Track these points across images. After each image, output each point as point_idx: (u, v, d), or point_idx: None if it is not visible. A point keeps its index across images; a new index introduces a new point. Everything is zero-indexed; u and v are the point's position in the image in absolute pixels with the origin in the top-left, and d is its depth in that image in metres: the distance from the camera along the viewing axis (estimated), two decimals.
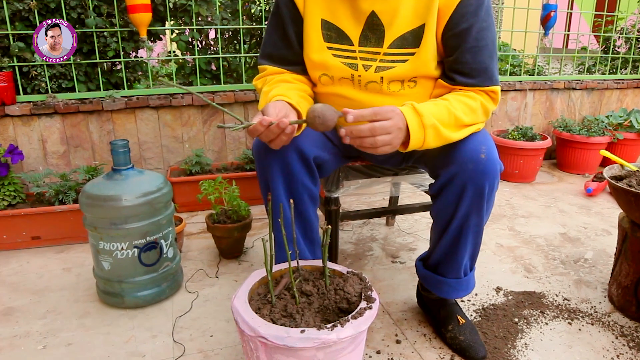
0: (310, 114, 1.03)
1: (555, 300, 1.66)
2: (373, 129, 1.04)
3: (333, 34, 1.27)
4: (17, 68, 2.30)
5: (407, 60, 1.23)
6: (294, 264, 1.16)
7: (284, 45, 1.33)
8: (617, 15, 3.69)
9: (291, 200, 0.98)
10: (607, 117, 3.37)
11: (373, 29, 1.24)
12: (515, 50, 3.87)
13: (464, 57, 1.20)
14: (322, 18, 1.27)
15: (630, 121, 3.30)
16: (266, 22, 2.60)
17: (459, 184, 1.20)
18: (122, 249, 1.51)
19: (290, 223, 1.20)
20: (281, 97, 1.18)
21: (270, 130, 1.05)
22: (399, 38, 1.22)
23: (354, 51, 1.26)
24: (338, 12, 1.26)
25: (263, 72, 1.37)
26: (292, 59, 1.34)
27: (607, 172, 1.69)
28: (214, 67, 2.72)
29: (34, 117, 2.31)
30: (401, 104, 1.21)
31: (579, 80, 3.44)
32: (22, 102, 2.30)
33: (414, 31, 1.21)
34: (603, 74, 3.71)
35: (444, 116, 1.14)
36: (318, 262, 1.20)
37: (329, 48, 1.27)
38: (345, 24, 1.26)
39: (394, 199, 2.07)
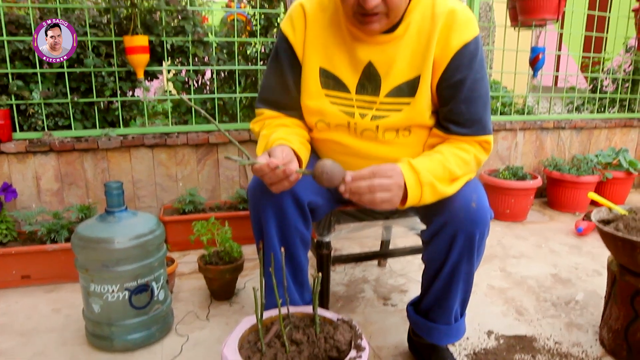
0: (319, 169, 1.06)
1: (547, 344, 1.65)
2: (372, 187, 1.07)
3: (331, 81, 1.29)
4: (14, 106, 2.33)
5: (402, 109, 1.26)
6: (284, 310, 1.16)
7: (282, 90, 1.35)
8: (604, 57, 3.80)
9: (282, 250, 0.99)
10: (596, 156, 3.43)
11: (370, 79, 1.27)
12: (505, 88, 3.95)
13: (458, 107, 1.24)
14: (321, 66, 1.30)
15: (619, 160, 3.35)
16: (261, 63, 2.66)
17: (450, 232, 1.22)
18: (113, 291, 1.51)
19: (282, 268, 1.21)
20: (284, 141, 1.20)
21: (275, 174, 1.07)
22: (395, 88, 1.26)
23: (351, 99, 1.29)
24: (336, 60, 1.29)
25: (260, 115, 1.39)
26: (290, 104, 1.36)
27: (595, 215, 1.71)
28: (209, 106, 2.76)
29: (29, 155, 2.32)
30: (395, 152, 1.25)
31: (568, 119, 3.51)
32: (18, 140, 2.32)
33: (409, 82, 1.25)
34: (591, 112, 3.79)
35: (439, 172, 1.17)
36: (308, 309, 1.21)
37: (326, 95, 1.30)
38: (343, 73, 1.29)
39: (385, 243, 2.09)
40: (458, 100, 1.23)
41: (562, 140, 3.51)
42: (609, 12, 3.64)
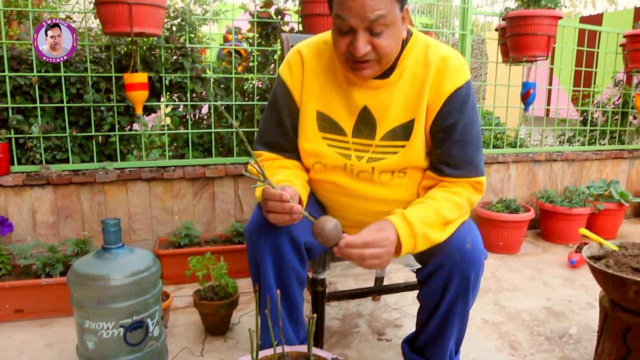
0: (318, 227, 1.10)
1: None
2: (363, 256, 1.12)
3: (327, 124, 1.33)
4: (13, 139, 2.36)
5: (397, 152, 1.30)
6: (279, 350, 1.17)
7: (280, 132, 1.39)
8: (594, 90, 3.88)
9: (278, 292, 1.01)
10: (587, 187, 3.47)
11: (366, 122, 1.30)
12: (498, 118, 4.03)
13: (450, 150, 1.28)
14: (318, 109, 1.33)
15: (610, 192, 3.40)
16: (258, 98, 2.71)
17: (445, 273, 1.25)
18: (108, 328, 1.51)
19: (277, 309, 1.23)
20: (289, 183, 1.24)
21: (282, 206, 1.11)
22: (390, 131, 1.29)
23: (348, 142, 1.32)
24: (333, 104, 1.32)
25: (258, 157, 1.42)
26: (288, 146, 1.39)
27: (586, 251, 1.73)
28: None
29: (27, 188, 2.34)
30: (390, 193, 1.29)
31: (560, 152, 3.57)
32: (16, 173, 2.34)
33: (404, 125, 1.29)
34: (582, 144, 3.85)
35: (432, 219, 1.21)
36: (303, 348, 1.21)
37: (323, 138, 1.33)
38: (339, 116, 1.32)
39: (379, 280, 2.10)
40: (450, 143, 1.27)
41: (554, 172, 3.56)
42: (598, 47, 3.74)
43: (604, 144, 3.93)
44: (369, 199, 1.35)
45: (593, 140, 3.92)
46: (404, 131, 1.29)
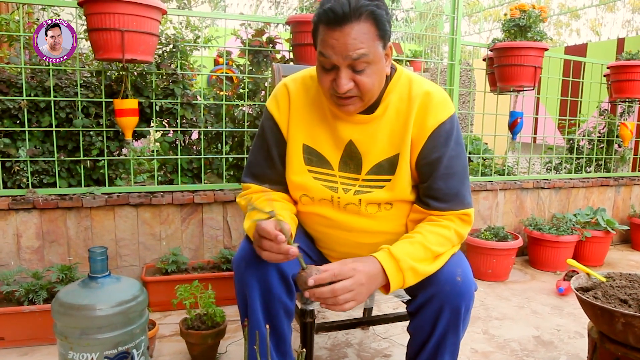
0: (300, 279, 1.13)
1: None
2: (334, 291, 1.10)
3: (314, 158, 1.34)
4: (0, 163, 2.33)
5: (384, 186, 1.31)
6: None
7: (268, 165, 1.40)
8: (579, 119, 3.96)
9: (267, 327, 1.00)
10: (574, 215, 3.51)
11: (352, 156, 1.32)
12: (487, 144, 4.08)
13: (436, 183, 1.29)
14: (304, 143, 1.35)
15: (597, 219, 3.43)
16: (248, 124, 2.72)
17: (436, 306, 1.25)
18: (93, 359, 1.47)
19: (266, 345, 1.21)
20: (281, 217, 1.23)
21: (278, 248, 1.11)
22: (376, 166, 1.31)
23: (334, 175, 1.34)
24: (319, 138, 1.34)
25: (247, 190, 1.42)
26: (275, 178, 1.40)
27: (574, 282, 1.75)
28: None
29: (12, 212, 2.31)
30: (377, 225, 1.30)
31: (547, 179, 3.61)
32: (1, 197, 2.31)
33: (389, 159, 1.30)
34: (569, 172, 3.91)
35: (419, 254, 1.21)
36: None
37: (309, 171, 1.34)
38: (325, 150, 1.34)
39: (368, 310, 2.09)
40: (436, 177, 1.28)
41: (542, 199, 3.59)
42: (583, 77, 3.83)
43: (590, 172, 3.99)
44: (356, 231, 1.35)
45: (579, 168, 3.98)
46: (389, 165, 1.30)
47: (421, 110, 1.28)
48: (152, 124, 2.64)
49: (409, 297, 1.37)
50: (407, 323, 1.40)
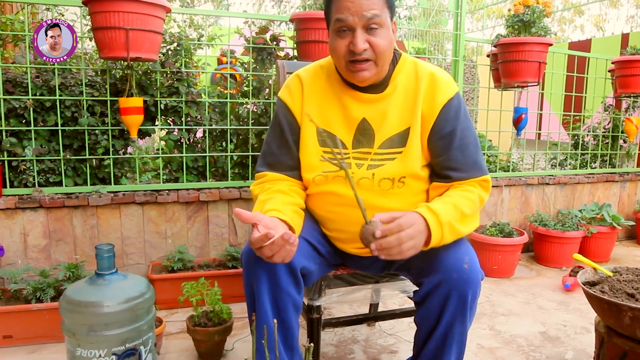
0: (365, 232, 1.17)
1: None
2: (400, 239, 1.15)
3: (328, 140, 1.39)
4: (6, 162, 2.34)
5: (395, 158, 1.36)
6: None
7: (284, 152, 1.44)
8: (584, 115, 3.94)
9: (275, 321, 1.00)
10: (580, 211, 3.50)
11: (364, 133, 1.38)
12: (491, 141, 4.07)
13: (454, 155, 1.36)
14: (318, 126, 1.40)
15: (602, 215, 3.42)
16: (252, 122, 2.73)
17: (443, 292, 1.27)
18: (100, 356, 1.48)
19: (273, 336, 1.22)
20: (276, 212, 1.27)
21: (275, 244, 1.13)
22: (388, 140, 1.37)
23: (348, 153, 1.39)
24: (332, 120, 1.40)
25: (263, 177, 1.46)
26: (291, 163, 1.44)
27: (581, 277, 1.74)
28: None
29: (18, 211, 2.32)
30: (390, 202, 1.35)
31: (552, 175, 3.60)
32: (8, 196, 2.33)
33: (400, 133, 1.37)
34: (574, 168, 3.89)
35: (453, 212, 1.26)
36: None
37: (325, 152, 1.39)
38: (338, 131, 1.40)
39: (374, 306, 2.09)
40: (452, 149, 1.35)
41: (547, 195, 3.58)
42: (587, 73, 3.81)
43: (595, 168, 3.97)
44: (368, 208, 1.36)
45: (584, 164, 3.97)
46: (400, 139, 1.37)
47: (429, 88, 1.36)
48: (157, 122, 2.65)
49: (415, 288, 1.37)
50: (412, 319, 1.41)
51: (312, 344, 1.03)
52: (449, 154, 1.36)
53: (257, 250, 1.15)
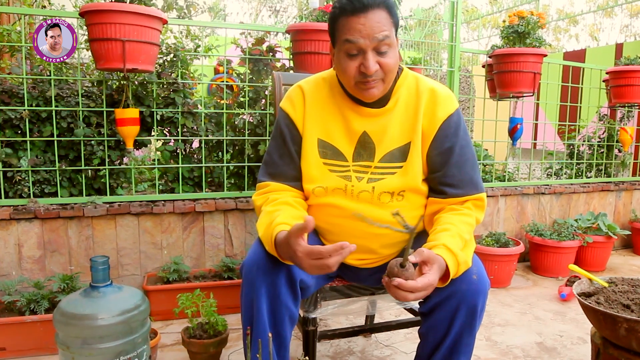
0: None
1: None
2: (426, 291, 1.14)
3: (329, 151, 1.40)
4: (1, 173, 2.34)
5: (395, 172, 1.37)
6: None
7: (286, 162, 1.44)
8: (579, 125, 3.96)
9: (270, 335, 1.00)
10: (576, 220, 3.51)
11: (365, 147, 1.39)
12: (487, 150, 4.08)
13: (450, 171, 1.37)
14: (319, 137, 1.41)
15: (598, 224, 3.43)
16: (249, 132, 2.73)
17: (453, 304, 1.27)
18: None
19: (268, 348, 1.21)
20: (287, 226, 1.24)
21: (333, 256, 1.12)
22: (388, 154, 1.38)
23: (348, 166, 1.40)
24: (333, 132, 1.41)
25: (265, 187, 1.44)
26: (294, 174, 1.44)
27: (576, 287, 1.74)
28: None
29: (13, 222, 2.31)
30: (390, 215, 1.29)
31: (548, 185, 3.61)
32: (2, 206, 2.32)
33: (401, 148, 1.38)
34: (570, 177, 3.91)
35: (460, 244, 1.26)
36: None
37: (325, 164, 1.40)
38: (339, 143, 1.41)
39: (370, 317, 2.09)
40: (450, 165, 1.36)
41: (543, 205, 3.59)
42: (582, 83, 3.84)
43: (590, 177, 3.99)
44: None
45: (580, 173, 3.98)
46: (401, 154, 1.38)
47: (429, 103, 1.38)
48: (153, 133, 2.65)
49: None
50: (409, 330, 1.40)
51: (307, 358, 1.03)
52: (446, 170, 1.37)
53: (316, 260, 1.13)
